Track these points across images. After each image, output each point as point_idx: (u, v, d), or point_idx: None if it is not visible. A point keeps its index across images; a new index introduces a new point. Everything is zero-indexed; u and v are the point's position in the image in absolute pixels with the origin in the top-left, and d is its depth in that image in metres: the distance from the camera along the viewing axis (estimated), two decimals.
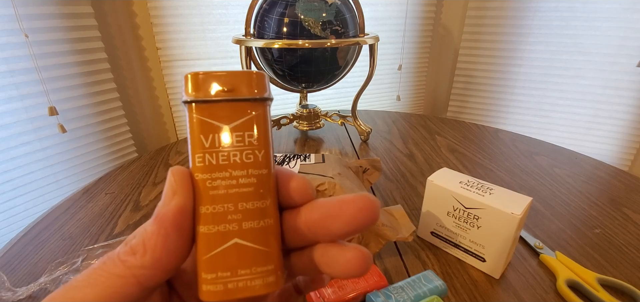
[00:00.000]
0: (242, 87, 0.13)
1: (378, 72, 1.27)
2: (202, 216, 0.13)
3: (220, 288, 0.13)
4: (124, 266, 0.12)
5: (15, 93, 0.73)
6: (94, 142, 0.89)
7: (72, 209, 0.52)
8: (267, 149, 0.14)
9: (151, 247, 0.12)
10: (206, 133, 0.13)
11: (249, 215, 0.13)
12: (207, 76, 0.13)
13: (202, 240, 0.13)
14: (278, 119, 0.74)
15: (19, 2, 0.70)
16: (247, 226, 0.13)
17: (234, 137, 0.13)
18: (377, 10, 1.17)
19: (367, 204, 0.13)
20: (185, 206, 0.13)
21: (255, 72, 0.14)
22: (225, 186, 0.13)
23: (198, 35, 0.99)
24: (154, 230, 0.12)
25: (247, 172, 0.13)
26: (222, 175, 0.13)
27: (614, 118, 1.16)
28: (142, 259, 0.12)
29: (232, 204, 0.13)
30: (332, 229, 0.13)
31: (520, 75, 1.22)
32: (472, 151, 0.70)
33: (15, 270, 0.40)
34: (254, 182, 0.13)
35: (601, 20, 1.06)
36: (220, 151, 0.13)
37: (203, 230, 0.13)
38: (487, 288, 0.37)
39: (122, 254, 0.12)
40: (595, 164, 0.64)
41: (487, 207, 0.35)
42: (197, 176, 0.13)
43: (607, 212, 0.50)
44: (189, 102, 0.13)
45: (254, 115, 0.14)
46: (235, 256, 0.13)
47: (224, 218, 0.13)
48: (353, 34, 0.62)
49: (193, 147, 0.13)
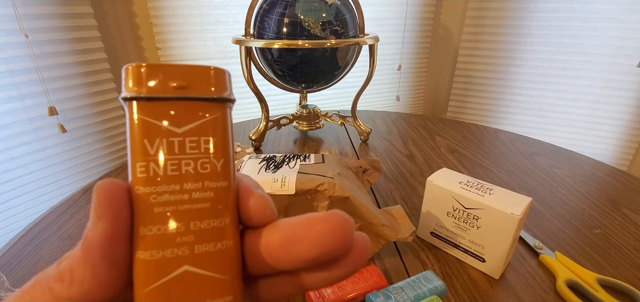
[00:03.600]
0: (198, 84, 0.11)
1: (378, 72, 1.27)
2: (143, 239, 0.11)
3: None
4: (51, 295, 0.10)
5: (15, 93, 0.73)
6: (94, 142, 0.89)
7: (71, 209, 0.52)
8: (227, 158, 0.12)
9: (79, 277, 0.10)
10: (151, 137, 0.11)
11: (203, 236, 0.11)
12: (154, 69, 0.11)
13: (141, 269, 0.10)
14: (278, 119, 0.74)
15: (19, 2, 0.70)
16: (201, 249, 0.11)
17: (187, 142, 0.11)
18: (377, 11, 1.17)
19: (339, 224, 0.11)
20: (115, 231, 0.10)
21: (214, 68, 0.12)
22: (175, 201, 0.11)
23: (198, 35, 0.99)
24: (81, 258, 0.10)
25: (202, 185, 0.11)
26: (170, 188, 0.11)
27: (613, 118, 1.16)
28: (69, 290, 0.10)
29: (183, 224, 0.11)
30: (296, 254, 0.11)
31: (520, 76, 1.22)
32: (471, 151, 0.70)
33: (15, 270, 0.40)
34: (210, 196, 0.11)
35: (600, 20, 1.07)
36: (169, 159, 0.11)
37: (143, 256, 0.10)
38: (487, 288, 0.37)
39: (51, 279, 0.10)
40: (595, 164, 0.64)
41: (486, 207, 0.35)
42: (138, 189, 0.11)
43: (607, 212, 0.50)
44: (129, 99, 0.11)
45: (212, 118, 0.11)
46: (185, 288, 0.11)
47: (172, 241, 0.11)
48: (353, 34, 0.62)
49: (134, 155, 0.11)
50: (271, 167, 0.39)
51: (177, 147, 0.11)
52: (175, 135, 0.11)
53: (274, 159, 0.42)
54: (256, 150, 0.69)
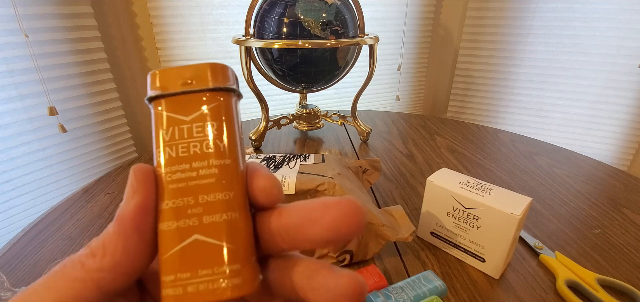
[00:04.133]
0: (202, 79, 0.13)
1: (378, 72, 1.27)
2: (163, 212, 0.12)
3: (180, 292, 0.12)
4: (83, 270, 0.11)
5: (14, 93, 0.73)
6: (93, 142, 0.89)
7: (71, 209, 0.52)
8: (232, 140, 0.13)
9: (111, 249, 0.11)
10: (167, 127, 0.13)
11: (210, 208, 0.12)
12: (168, 71, 0.13)
13: (162, 238, 0.12)
14: (278, 119, 0.74)
15: (19, 2, 0.70)
16: (208, 220, 0.12)
17: (193, 128, 0.13)
18: (377, 11, 1.17)
19: (352, 210, 0.11)
20: (145, 204, 0.12)
21: (216, 64, 0.14)
22: (185, 178, 0.12)
23: (198, 35, 0.99)
24: (114, 231, 0.12)
25: (207, 162, 0.13)
26: (181, 167, 0.12)
27: (613, 118, 1.16)
28: (101, 262, 0.11)
29: (193, 198, 0.12)
30: (310, 235, 0.12)
31: (520, 76, 1.22)
32: (471, 151, 0.70)
33: (15, 270, 0.40)
34: (215, 172, 0.13)
35: (600, 20, 1.07)
36: (179, 142, 0.13)
37: (163, 227, 0.12)
38: (487, 288, 0.37)
39: (82, 256, 0.11)
40: (595, 164, 0.64)
41: (486, 207, 0.35)
42: (159, 171, 0.13)
43: (607, 212, 0.50)
44: (150, 98, 0.13)
45: (214, 105, 0.13)
46: (196, 255, 0.12)
47: (184, 213, 0.12)
48: (353, 34, 0.62)
49: (155, 143, 0.13)
50: (271, 167, 0.39)
51: (186, 132, 0.13)
52: (185, 122, 0.13)
53: (274, 159, 0.42)
54: (256, 150, 0.69)
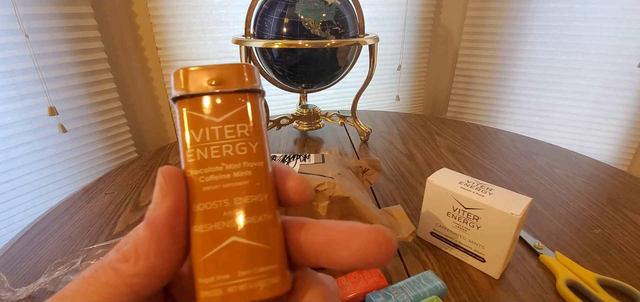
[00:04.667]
0: (231, 79, 0.13)
1: (378, 72, 1.27)
2: (196, 215, 0.12)
3: (219, 293, 0.12)
4: (117, 275, 0.11)
5: (15, 93, 0.73)
6: (93, 142, 0.89)
7: (71, 209, 0.52)
8: (261, 142, 0.13)
9: (144, 253, 0.11)
10: (196, 128, 0.13)
11: (246, 210, 0.12)
12: (195, 71, 0.13)
13: (197, 241, 0.12)
14: (278, 119, 0.74)
15: (19, 2, 0.70)
16: (244, 222, 0.12)
17: (225, 129, 0.13)
18: (377, 11, 1.17)
19: (381, 239, 0.11)
20: (178, 207, 0.12)
21: (244, 64, 0.13)
22: (218, 180, 0.12)
23: (198, 35, 0.99)
24: (146, 235, 0.11)
25: (241, 165, 0.13)
26: (214, 169, 0.12)
27: (613, 118, 1.16)
28: (135, 267, 0.11)
29: (228, 200, 0.12)
30: (334, 258, 0.12)
31: (520, 76, 1.22)
32: (471, 151, 0.70)
33: (15, 270, 0.40)
34: (249, 174, 0.13)
35: (600, 20, 1.07)
36: (211, 144, 0.13)
37: (197, 230, 0.12)
38: (487, 288, 0.37)
39: (113, 262, 0.11)
40: (595, 164, 0.64)
41: (486, 207, 0.35)
42: (189, 173, 0.12)
43: (607, 212, 0.50)
44: (177, 98, 0.13)
45: (245, 107, 0.13)
46: (234, 256, 0.12)
47: (219, 215, 0.12)
48: (353, 34, 0.62)
49: (184, 144, 0.13)
50: None
51: (217, 134, 0.13)
52: (216, 124, 0.13)
53: (274, 159, 0.42)
54: None
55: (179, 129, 0.13)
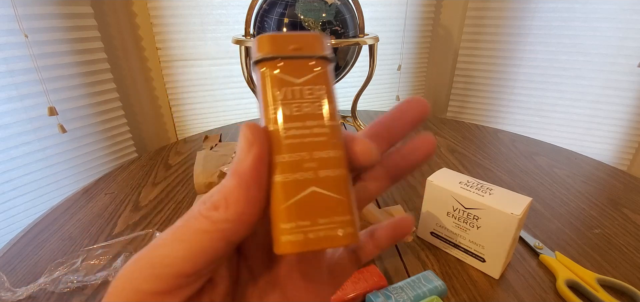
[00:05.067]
0: (309, 47, 0.14)
1: (378, 72, 1.27)
2: (279, 165, 0.13)
3: (300, 238, 0.12)
4: (209, 221, 0.12)
5: (14, 93, 0.73)
6: (93, 142, 0.89)
7: (71, 209, 0.52)
8: (334, 105, 0.14)
9: (234, 201, 0.12)
10: (279, 87, 0.14)
11: (324, 163, 0.13)
12: (277, 37, 0.14)
13: (279, 189, 0.13)
14: None
15: (19, 2, 0.70)
16: (323, 174, 0.13)
17: (305, 90, 0.14)
18: (377, 11, 1.17)
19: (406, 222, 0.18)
20: (263, 155, 0.13)
21: (318, 34, 0.15)
22: (300, 135, 0.13)
23: (198, 35, 0.99)
24: (235, 183, 0.12)
25: (319, 122, 0.14)
26: (296, 125, 0.13)
27: (613, 118, 1.16)
28: (226, 213, 0.12)
29: (307, 153, 0.13)
30: None
31: (520, 76, 1.22)
32: (471, 151, 0.70)
33: (15, 270, 0.40)
34: (327, 132, 0.14)
35: (600, 20, 1.07)
36: (293, 102, 0.14)
37: (279, 179, 0.13)
38: (487, 288, 0.37)
39: (204, 211, 0.12)
40: (595, 164, 0.64)
41: (486, 207, 0.35)
42: (272, 127, 0.13)
43: (607, 212, 0.50)
44: (262, 60, 0.14)
45: (321, 72, 0.14)
46: (314, 205, 0.13)
47: (300, 166, 0.13)
48: (353, 34, 0.62)
49: (266, 102, 0.14)
50: None
51: (298, 93, 0.14)
52: (296, 84, 0.14)
53: None
54: None
55: (260, 89, 0.14)
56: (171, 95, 1.05)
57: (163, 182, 0.60)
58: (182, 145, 0.76)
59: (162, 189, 0.57)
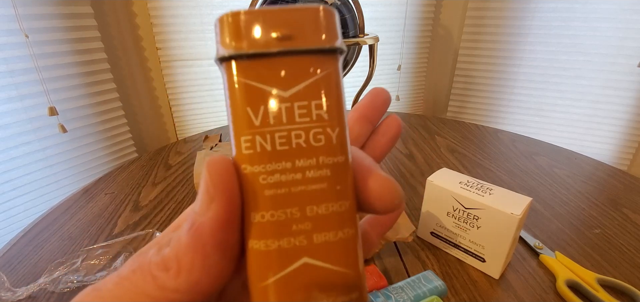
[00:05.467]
0: (305, 32, 0.09)
1: (377, 72, 1.27)
2: (255, 227, 0.09)
3: None
4: (155, 285, 0.09)
5: (15, 93, 0.73)
6: (93, 142, 0.89)
7: (71, 209, 0.52)
8: (342, 126, 0.10)
9: (186, 267, 0.09)
10: (255, 104, 0.09)
11: (323, 223, 0.09)
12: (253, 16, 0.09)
13: (256, 261, 0.09)
14: None
15: (19, 2, 0.70)
16: (320, 238, 0.09)
17: (295, 108, 0.09)
18: (377, 11, 1.17)
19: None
20: (228, 216, 0.09)
21: (322, 8, 0.09)
22: (286, 182, 0.09)
23: (198, 35, 0.99)
24: (189, 245, 0.09)
25: (317, 161, 0.09)
26: (281, 167, 0.09)
27: (613, 118, 1.16)
28: (176, 281, 0.09)
29: (298, 209, 0.09)
30: None
31: (520, 76, 1.22)
32: (471, 151, 0.70)
33: (15, 270, 0.40)
34: (327, 175, 0.09)
35: (600, 20, 1.07)
36: (276, 130, 0.09)
37: (257, 246, 0.09)
38: (487, 288, 0.37)
39: (154, 267, 0.10)
40: (595, 164, 0.64)
41: (486, 207, 0.35)
42: (245, 168, 0.09)
43: (607, 212, 0.50)
44: (228, 58, 0.09)
45: (323, 75, 0.09)
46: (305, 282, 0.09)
47: (288, 229, 0.09)
48: (353, 34, 0.62)
49: (237, 127, 0.09)
50: None
51: (285, 114, 0.09)
52: (283, 99, 0.09)
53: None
54: None
55: (229, 104, 0.09)
56: (171, 96, 1.05)
57: (163, 182, 0.60)
58: (182, 145, 0.76)
59: (162, 189, 0.57)
